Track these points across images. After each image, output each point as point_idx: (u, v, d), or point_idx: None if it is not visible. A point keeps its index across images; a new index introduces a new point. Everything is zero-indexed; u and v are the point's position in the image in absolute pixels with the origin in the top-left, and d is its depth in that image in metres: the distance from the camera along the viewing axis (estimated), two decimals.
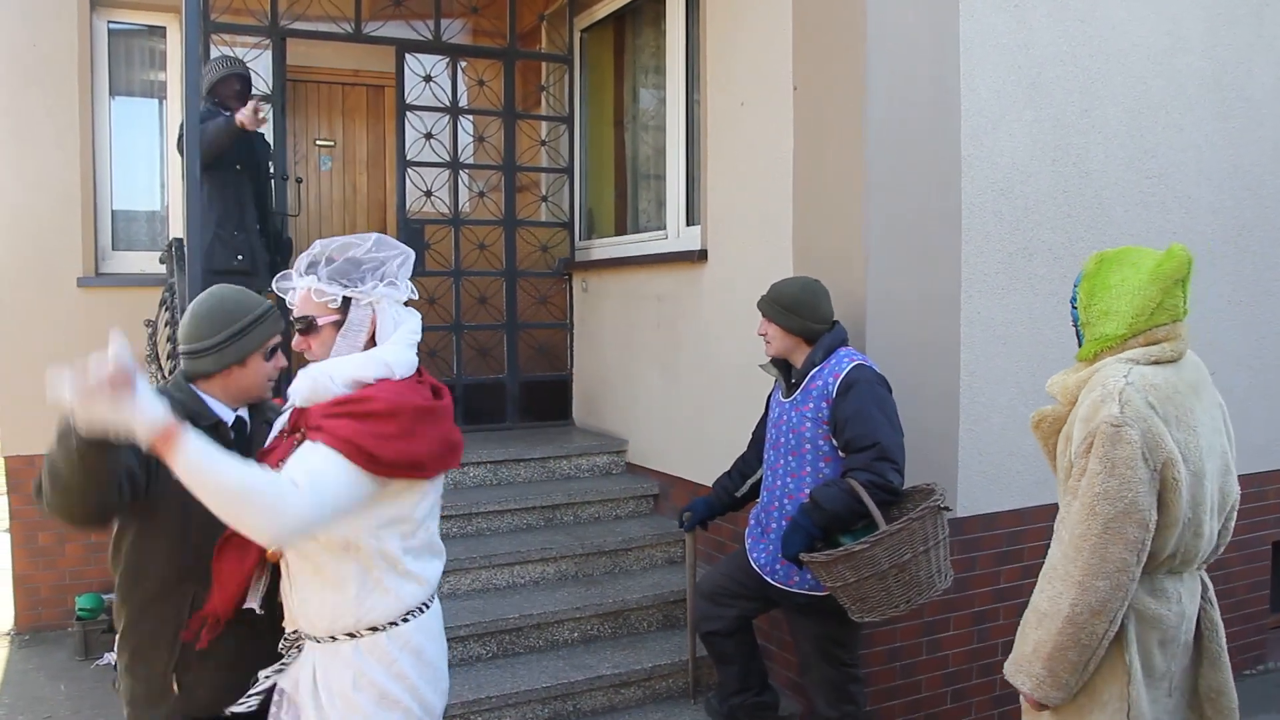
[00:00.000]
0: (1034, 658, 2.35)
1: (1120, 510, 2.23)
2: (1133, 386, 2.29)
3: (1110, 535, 2.24)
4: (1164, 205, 4.67)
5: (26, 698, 4.87)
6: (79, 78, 5.72)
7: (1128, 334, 2.41)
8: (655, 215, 5.80)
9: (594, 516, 5.22)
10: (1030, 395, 4.29)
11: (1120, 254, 2.49)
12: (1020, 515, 4.30)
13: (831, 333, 3.55)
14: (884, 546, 3.09)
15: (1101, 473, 2.25)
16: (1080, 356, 2.52)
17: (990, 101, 4.14)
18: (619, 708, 4.21)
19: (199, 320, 2.45)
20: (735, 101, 4.66)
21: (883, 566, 3.10)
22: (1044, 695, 2.34)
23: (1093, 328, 2.48)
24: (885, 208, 3.89)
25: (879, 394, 3.38)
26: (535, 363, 6.35)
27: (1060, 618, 2.28)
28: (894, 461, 3.28)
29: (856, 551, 3.09)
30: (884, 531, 3.10)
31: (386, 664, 2.26)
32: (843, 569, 3.13)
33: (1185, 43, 4.69)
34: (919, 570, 3.15)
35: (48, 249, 5.68)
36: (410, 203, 6.02)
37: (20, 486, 5.74)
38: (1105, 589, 2.24)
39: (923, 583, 3.17)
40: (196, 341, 2.44)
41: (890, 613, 3.20)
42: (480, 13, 6.33)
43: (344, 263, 2.28)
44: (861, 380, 3.38)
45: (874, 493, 3.21)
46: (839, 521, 3.25)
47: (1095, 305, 2.47)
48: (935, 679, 4.16)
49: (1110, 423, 2.25)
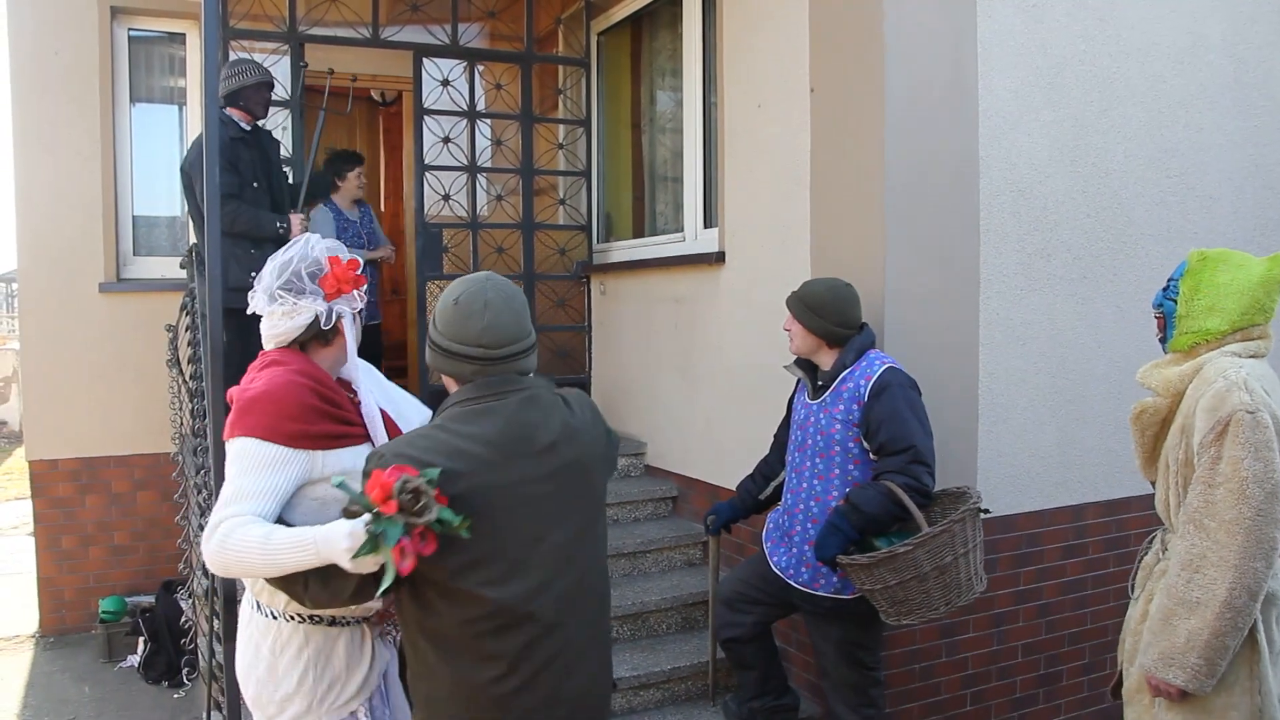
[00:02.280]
0: (1189, 648, 2.38)
1: (1269, 491, 2.33)
2: (1252, 376, 2.43)
3: (1263, 517, 2.33)
4: (1184, 205, 4.64)
5: (52, 699, 4.92)
6: (100, 85, 5.77)
7: (1229, 330, 2.55)
8: (673, 218, 5.80)
9: (612, 519, 5.22)
10: (1049, 396, 4.27)
11: (1223, 254, 2.63)
12: (1039, 517, 4.28)
13: (862, 335, 3.53)
14: (926, 549, 3.08)
15: (1247, 457, 2.35)
16: (1175, 347, 2.63)
17: (1008, 102, 4.12)
18: (638, 710, 4.21)
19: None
20: (752, 104, 4.65)
21: (925, 569, 3.09)
22: (1199, 686, 2.38)
23: (1193, 320, 2.59)
24: (903, 209, 3.88)
25: (911, 397, 3.37)
26: (553, 365, 6.36)
27: (1218, 603, 2.33)
28: (927, 464, 3.27)
29: (900, 554, 3.07)
30: (927, 533, 3.09)
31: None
32: (884, 571, 3.11)
33: (1206, 41, 4.66)
34: (959, 573, 3.14)
35: (70, 255, 5.73)
36: (428, 207, 6.03)
37: (45, 490, 5.80)
38: (1262, 570, 2.32)
39: (962, 585, 3.16)
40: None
41: (930, 616, 3.19)
42: (497, 17, 6.35)
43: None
44: (894, 383, 3.36)
45: (909, 495, 3.20)
46: (875, 524, 3.24)
47: (1200, 300, 2.58)
48: (954, 681, 4.14)
49: (1246, 409, 2.37)
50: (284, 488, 2.21)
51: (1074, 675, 4.41)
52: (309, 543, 2.04)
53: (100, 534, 5.89)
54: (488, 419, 2.11)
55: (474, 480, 2.02)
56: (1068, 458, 4.34)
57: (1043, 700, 4.37)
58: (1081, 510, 4.39)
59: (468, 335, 2.14)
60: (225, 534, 2.11)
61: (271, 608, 2.38)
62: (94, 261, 5.78)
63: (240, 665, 2.46)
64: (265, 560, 2.08)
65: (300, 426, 2.24)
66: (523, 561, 2.09)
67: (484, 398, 2.14)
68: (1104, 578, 4.42)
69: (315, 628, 2.37)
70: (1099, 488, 4.42)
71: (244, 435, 2.21)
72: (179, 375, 4.90)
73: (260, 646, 2.39)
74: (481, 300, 2.15)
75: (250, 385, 2.30)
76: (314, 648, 2.37)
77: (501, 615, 2.06)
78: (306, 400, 2.27)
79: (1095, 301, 4.39)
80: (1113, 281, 4.43)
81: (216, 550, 2.11)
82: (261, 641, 2.39)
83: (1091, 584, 4.43)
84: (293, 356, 2.37)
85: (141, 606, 5.53)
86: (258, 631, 2.41)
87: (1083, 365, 4.36)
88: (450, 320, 2.16)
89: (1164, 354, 2.72)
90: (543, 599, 2.11)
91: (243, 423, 2.23)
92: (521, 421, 2.13)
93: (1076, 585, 4.37)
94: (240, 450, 2.22)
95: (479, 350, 2.14)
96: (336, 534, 1.99)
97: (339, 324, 2.41)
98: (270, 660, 2.37)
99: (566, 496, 2.17)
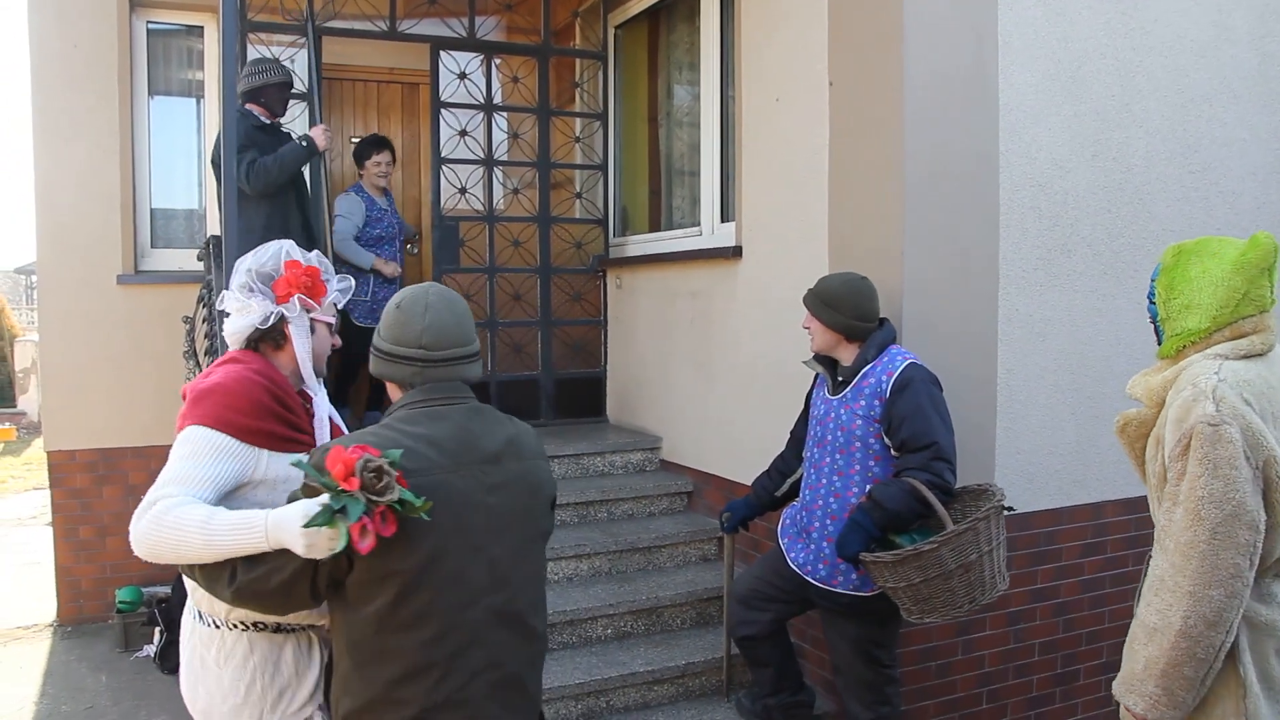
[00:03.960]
0: (1146, 676, 2.22)
1: (1228, 513, 2.11)
2: (1226, 383, 2.18)
3: (1220, 540, 2.11)
4: (1207, 200, 4.59)
5: (69, 688, 4.94)
6: (119, 78, 5.78)
7: (1211, 327, 2.30)
8: (689, 212, 5.78)
9: (628, 513, 5.21)
10: (1068, 393, 4.24)
11: (1200, 244, 2.38)
12: (1057, 515, 4.25)
13: (882, 330, 3.50)
14: (951, 546, 3.06)
15: (1204, 475, 2.13)
16: (1162, 354, 2.42)
17: (1029, 95, 4.09)
18: (652, 705, 4.21)
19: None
20: (770, 97, 4.63)
21: (949, 566, 3.06)
22: (1159, 715, 2.21)
23: (1174, 323, 2.37)
24: (922, 204, 3.85)
25: (933, 393, 3.34)
26: (569, 359, 6.36)
27: (1173, 632, 2.15)
28: (949, 461, 3.24)
29: (925, 551, 3.05)
30: (952, 531, 3.06)
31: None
32: (909, 569, 3.09)
33: (1230, 34, 4.61)
34: (983, 571, 3.12)
35: (89, 247, 5.75)
36: (445, 200, 6.03)
37: (63, 481, 5.83)
38: (1219, 598, 2.11)
39: (985, 583, 3.13)
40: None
41: (953, 614, 3.17)
42: (514, 9, 6.34)
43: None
44: (917, 379, 3.34)
45: (938, 495, 3.17)
46: (898, 521, 3.21)
47: (1175, 299, 2.36)
48: (970, 679, 4.12)
49: (1207, 422, 2.14)
50: (225, 480, 2.17)
51: (1091, 674, 4.38)
52: (256, 525, 1.99)
53: (117, 524, 5.90)
54: (435, 423, 2.11)
55: (423, 479, 2.00)
56: (1086, 455, 4.30)
57: (1059, 699, 4.34)
58: (1100, 508, 4.35)
59: (409, 337, 2.16)
60: (162, 512, 2.05)
61: (213, 616, 2.33)
62: (112, 253, 5.80)
63: (185, 678, 2.41)
64: (204, 541, 2.01)
65: (250, 421, 2.23)
66: (461, 570, 2.07)
67: (431, 401, 2.15)
68: (1123, 576, 4.39)
69: (260, 634, 2.33)
70: (1118, 485, 4.38)
71: (194, 424, 2.20)
72: (195, 367, 4.90)
73: (205, 657, 2.35)
74: (423, 304, 2.18)
75: (205, 379, 2.30)
76: (260, 655, 2.33)
77: (437, 621, 2.04)
78: (258, 397, 2.27)
79: (1116, 298, 4.35)
80: (1134, 278, 4.38)
81: (149, 529, 2.04)
82: (205, 652, 2.35)
83: (1110, 583, 4.40)
84: (252, 356, 2.38)
85: (158, 597, 5.56)
86: (200, 642, 2.36)
87: (1102, 362, 4.33)
88: (392, 324, 2.19)
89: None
90: (473, 611, 2.09)
91: (194, 412, 2.22)
92: (467, 429, 2.14)
93: (1095, 584, 4.34)
94: (187, 436, 2.20)
95: (420, 351, 2.15)
96: (290, 515, 1.94)
97: (286, 330, 2.40)
98: (216, 671, 2.33)
99: (505, 512, 2.15)
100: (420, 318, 2.17)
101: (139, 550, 2.09)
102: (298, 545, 1.92)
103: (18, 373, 15.70)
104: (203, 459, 2.16)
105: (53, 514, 5.90)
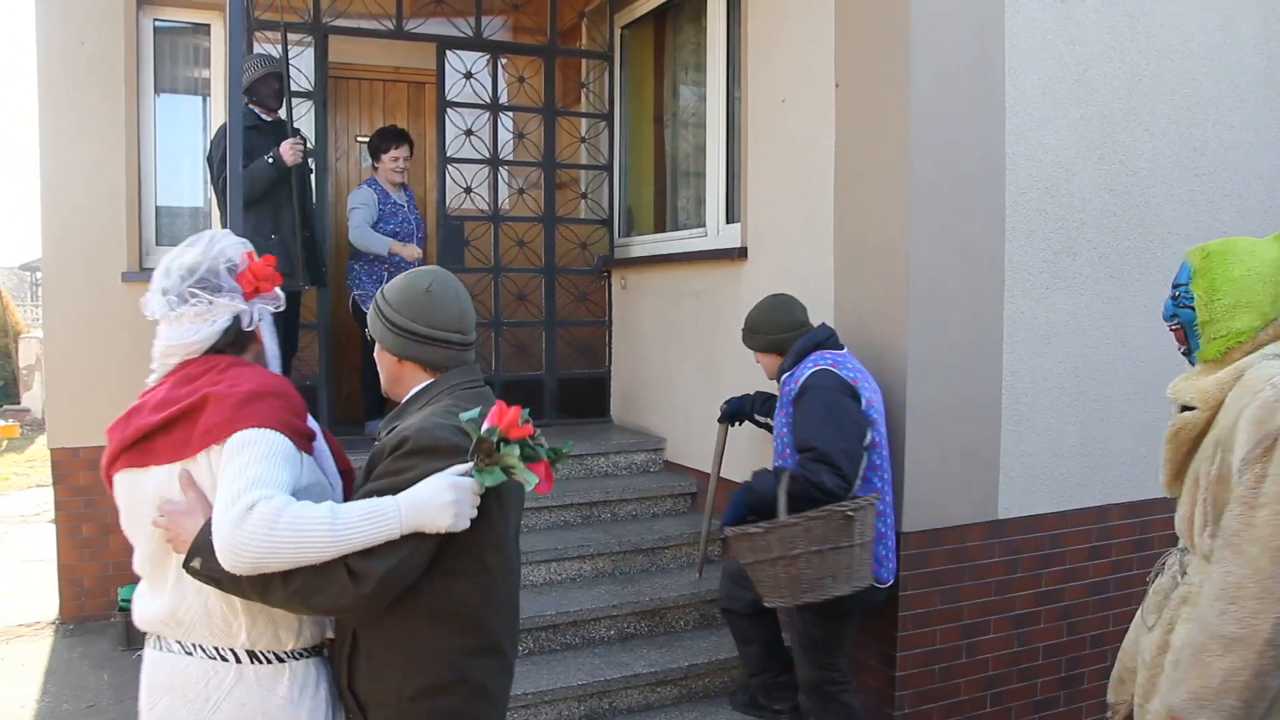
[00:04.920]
0: (1224, 690, 2.08)
1: None
2: None
3: None
4: (1213, 203, 4.58)
5: (71, 686, 4.94)
6: (125, 75, 5.78)
7: (1261, 325, 2.27)
8: (695, 212, 5.78)
9: (631, 514, 5.21)
10: (1073, 396, 4.23)
11: (1227, 245, 2.35)
12: (1062, 517, 4.24)
13: (804, 338, 3.67)
14: (776, 535, 3.25)
15: None
16: (1205, 356, 2.36)
17: (1035, 98, 4.08)
18: (655, 706, 4.20)
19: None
20: (776, 98, 4.63)
21: (773, 554, 3.27)
22: None
23: (1218, 324, 2.32)
24: (928, 206, 3.85)
25: (831, 399, 3.45)
26: (574, 360, 6.35)
27: (1260, 640, 2.04)
28: (831, 464, 3.34)
29: (752, 534, 3.29)
30: (778, 522, 3.25)
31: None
32: (743, 547, 3.36)
33: (1237, 38, 4.60)
34: (808, 568, 3.26)
35: (94, 244, 5.75)
36: (450, 199, 6.04)
37: (66, 478, 5.82)
38: None
39: (808, 581, 3.28)
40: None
41: (778, 601, 3.37)
42: (521, 9, 6.34)
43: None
44: (815, 387, 3.48)
45: (804, 489, 3.30)
46: (764, 504, 3.39)
47: (1220, 300, 2.31)
48: (974, 683, 4.11)
49: None
50: (294, 485, 1.93)
51: (1096, 678, 4.36)
52: (389, 512, 1.86)
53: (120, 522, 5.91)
54: (484, 403, 2.07)
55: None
56: (1092, 458, 4.30)
57: (1064, 703, 4.33)
58: (1105, 511, 4.34)
59: (447, 321, 2.17)
60: (275, 513, 1.79)
61: (276, 650, 2.04)
62: (117, 251, 5.80)
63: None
64: (331, 539, 1.82)
65: (303, 426, 2.04)
66: (512, 546, 2.19)
67: (474, 383, 2.20)
68: (1128, 580, 4.38)
69: (323, 661, 2.15)
70: (1123, 489, 4.37)
71: (255, 426, 1.92)
72: None
73: (273, 694, 2.03)
74: (453, 288, 2.22)
75: (236, 384, 1.99)
76: (327, 682, 2.13)
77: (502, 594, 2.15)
78: (301, 401, 2.08)
79: (1121, 301, 4.34)
80: (1140, 281, 4.38)
81: (261, 535, 1.78)
82: (271, 689, 2.03)
83: (1115, 586, 4.39)
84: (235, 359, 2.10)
85: None
86: (260, 682, 2.03)
87: (1108, 366, 4.32)
88: (425, 307, 2.16)
89: (1191, 365, 2.45)
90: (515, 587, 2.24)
91: (250, 414, 1.94)
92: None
93: (1100, 587, 4.33)
94: (253, 439, 1.91)
95: (457, 335, 2.19)
96: (431, 490, 1.87)
97: (257, 329, 2.15)
98: (292, 708, 2.05)
99: (519, 491, 2.16)
100: (455, 302, 2.19)
101: (240, 560, 1.80)
102: (443, 523, 1.87)
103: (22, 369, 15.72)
104: (278, 461, 1.90)
105: (55, 511, 5.89)
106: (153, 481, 2.01)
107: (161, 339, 2.10)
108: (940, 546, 3.94)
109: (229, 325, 2.09)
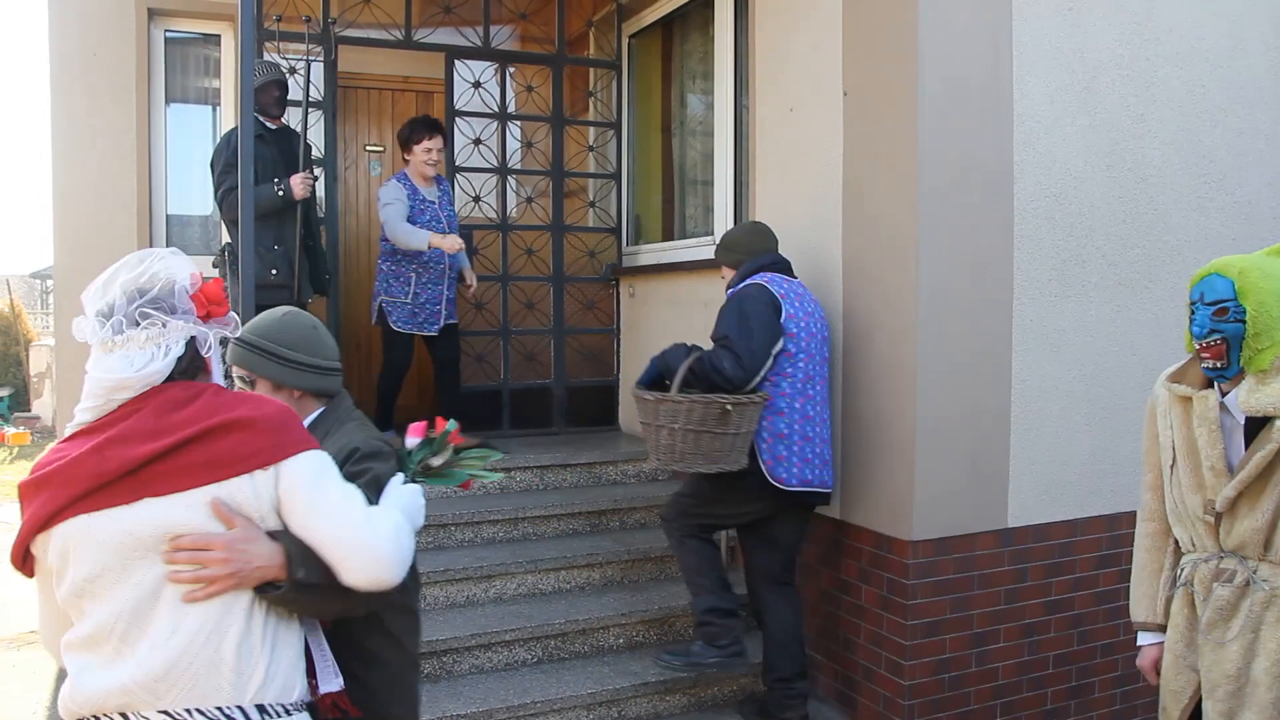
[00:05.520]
0: None
1: None
2: None
3: None
4: (1223, 210, 4.58)
5: None
6: (137, 86, 5.82)
7: None
8: (703, 221, 5.78)
9: (639, 522, 5.21)
10: (1082, 404, 4.22)
11: (1254, 262, 2.43)
12: (1072, 526, 4.23)
13: (751, 262, 4.00)
14: (664, 408, 3.68)
15: None
16: (1259, 366, 2.41)
17: (1044, 106, 4.08)
18: (664, 715, 4.20)
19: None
20: (784, 107, 4.63)
21: (659, 422, 3.71)
22: None
23: (1266, 336, 2.39)
24: (937, 213, 3.85)
25: (749, 305, 3.79)
26: (582, 368, 6.36)
27: None
28: (735, 354, 3.70)
29: (646, 399, 3.75)
30: (665, 396, 3.69)
31: None
32: (641, 409, 3.82)
33: (1246, 45, 4.59)
34: (681, 442, 3.67)
35: (106, 252, 5.70)
36: (459, 208, 6.05)
37: None
38: None
39: (678, 453, 3.69)
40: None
41: (655, 461, 3.83)
42: (529, 19, 6.36)
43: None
44: (740, 295, 3.86)
45: (706, 371, 3.71)
46: (671, 374, 3.76)
47: (1270, 312, 2.38)
48: (984, 691, 4.10)
49: None
50: None
51: (1106, 687, 4.35)
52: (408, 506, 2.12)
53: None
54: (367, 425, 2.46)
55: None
56: (1101, 467, 4.28)
57: (1074, 712, 4.31)
58: (1116, 520, 4.32)
59: (333, 352, 2.47)
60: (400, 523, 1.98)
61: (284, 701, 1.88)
62: None
63: None
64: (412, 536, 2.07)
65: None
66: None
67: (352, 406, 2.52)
68: None
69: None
70: (1133, 497, 4.32)
71: (310, 449, 1.90)
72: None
73: None
74: (322, 324, 2.50)
75: (260, 406, 1.90)
76: None
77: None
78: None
79: (1131, 309, 4.33)
80: (1149, 289, 4.37)
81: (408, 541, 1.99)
82: None
83: (1125, 595, 4.36)
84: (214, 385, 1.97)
85: None
86: None
87: (1118, 373, 4.31)
88: (315, 342, 2.42)
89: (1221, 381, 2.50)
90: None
91: (300, 437, 1.90)
92: None
93: (1110, 596, 4.32)
94: (322, 462, 1.91)
95: (338, 364, 2.49)
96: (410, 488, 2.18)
97: (207, 358, 1.96)
98: None
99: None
100: (329, 335, 2.49)
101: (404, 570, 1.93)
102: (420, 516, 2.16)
103: (33, 377, 15.80)
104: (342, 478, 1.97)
105: None
106: (145, 516, 1.78)
107: (108, 371, 1.84)
108: (950, 555, 3.94)
109: (183, 351, 1.89)
